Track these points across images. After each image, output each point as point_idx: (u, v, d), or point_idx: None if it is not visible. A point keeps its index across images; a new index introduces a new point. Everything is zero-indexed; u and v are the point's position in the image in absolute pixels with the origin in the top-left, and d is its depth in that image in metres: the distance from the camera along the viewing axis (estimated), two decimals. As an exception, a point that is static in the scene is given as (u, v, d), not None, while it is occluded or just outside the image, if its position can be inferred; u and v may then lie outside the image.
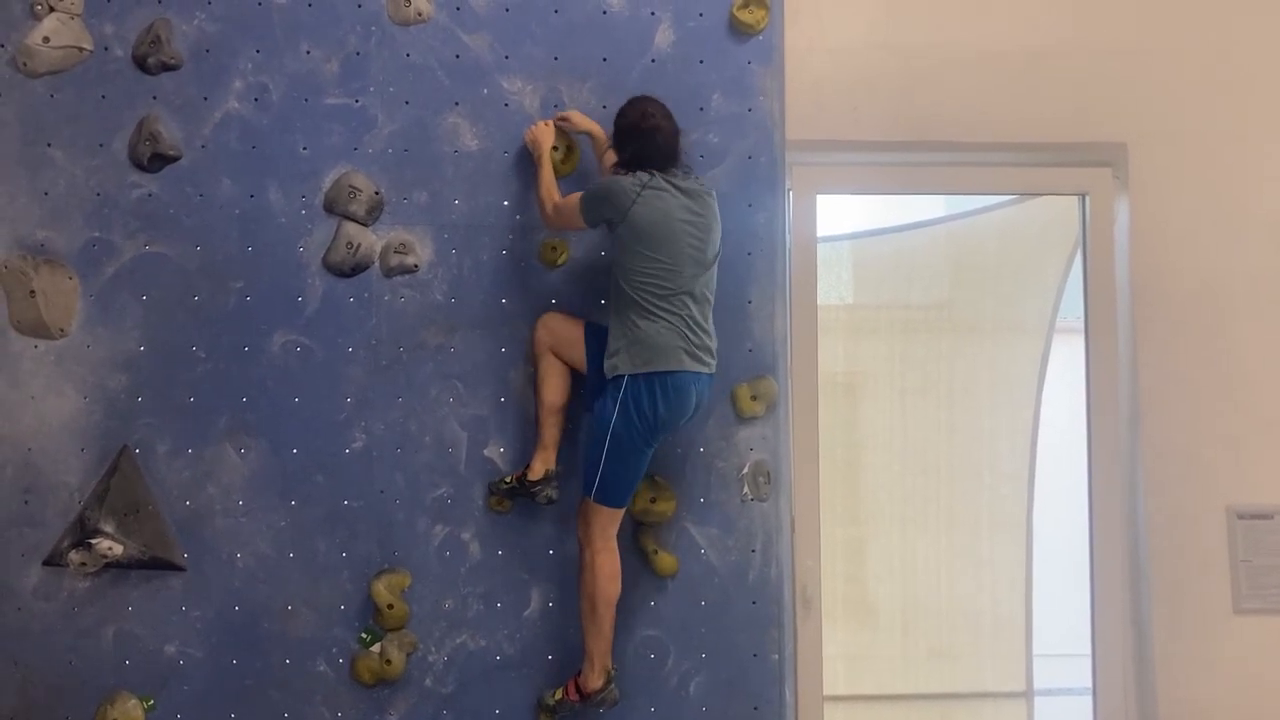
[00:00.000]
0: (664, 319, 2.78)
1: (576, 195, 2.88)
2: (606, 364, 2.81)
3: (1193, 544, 3.28)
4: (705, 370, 2.83)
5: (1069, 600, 3.47)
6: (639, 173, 2.81)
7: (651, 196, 2.78)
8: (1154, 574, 3.28)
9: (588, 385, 2.94)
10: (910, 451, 3.66)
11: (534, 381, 3.00)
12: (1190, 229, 3.34)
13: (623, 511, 2.88)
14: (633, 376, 2.77)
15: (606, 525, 2.86)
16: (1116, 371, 3.36)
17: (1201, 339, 3.34)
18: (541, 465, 2.94)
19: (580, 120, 3.04)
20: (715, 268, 2.88)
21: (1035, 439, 3.59)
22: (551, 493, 2.94)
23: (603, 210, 2.83)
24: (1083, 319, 3.44)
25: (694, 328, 2.81)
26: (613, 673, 2.90)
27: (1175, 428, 3.31)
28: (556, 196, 2.94)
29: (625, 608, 3.03)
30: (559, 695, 2.93)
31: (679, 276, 2.79)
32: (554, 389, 2.94)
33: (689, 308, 2.80)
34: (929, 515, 3.63)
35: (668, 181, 2.81)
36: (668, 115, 2.88)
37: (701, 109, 3.12)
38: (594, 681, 2.87)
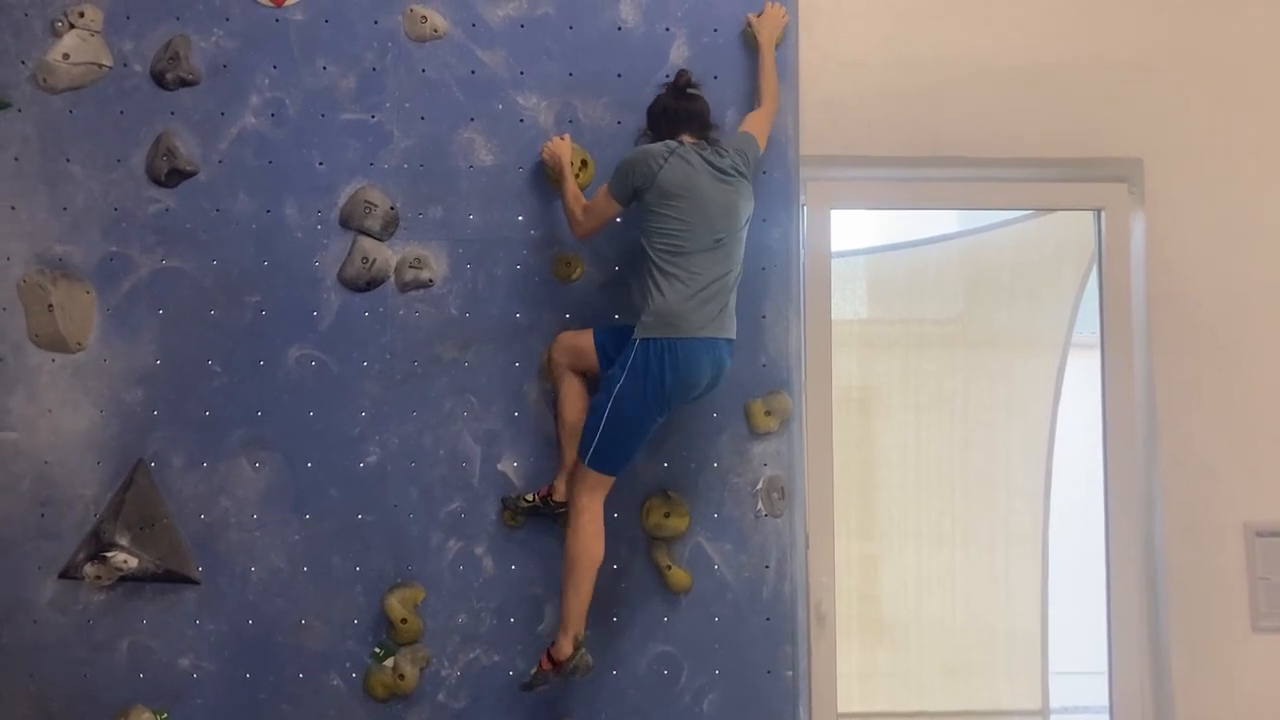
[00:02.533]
0: (679, 280, 2.76)
1: (604, 185, 2.90)
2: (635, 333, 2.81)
3: (1210, 561, 3.25)
4: (722, 335, 2.80)
5: (1085, 617, 3.45)
6: (667, 140, 2.84)
7: (679, 162, 2.79)
8: (1171, 591, 3.25)
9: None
10: (924, 467, 3.64)
11: (554, 403, 2.99)
12: (1206, 244, 3.33)
13: (612, 480, 2.83)
14: (644, 341, 2.77)
15: (595, 488, 2.83)
16: (1132, 387, 3.34)
17: (1218, 354, 3.32)
18: (564, 486, 2.94)
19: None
20: (743, 235, 2.86)
21: (1051, 454, 3.57)
22: None
23: (633, 178, 2.82)
24: (1098, 334, 3.42)
25: (712, 292, 2.78)
26: (581, 639, 2.84)
27: (1192, 444, 3.28)
28: (584, 200, 2.96)
29: (638, 623, 3.03)
30: (534, 670, 2.88)
31: (697, 236, 2.77)
32: (574, 409, 2.93)
33: (708, 270, 2.77)
34: (943, 531, 3.62)
35: (697, 153, 2.83)
36: (697, 86, 2.93)
37: (716, 125, 3.11)
38: (565, 649, 2.82)
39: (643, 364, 2.75)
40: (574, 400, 2.94)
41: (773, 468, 3.07)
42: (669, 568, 3.02)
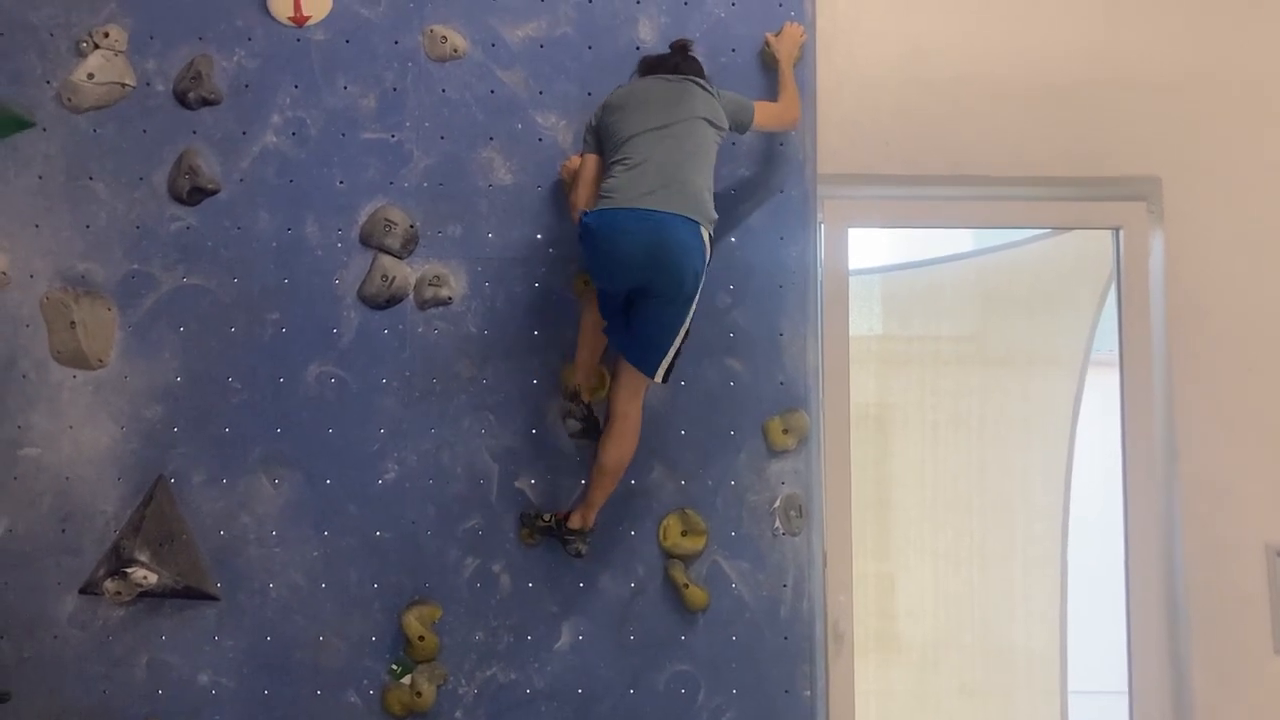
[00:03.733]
0: (620, 164, 2.75)
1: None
2: None
3: (1232, 582, 3.22)
4: (665, 209, 2.68)
5: (1105, 636, 3.42)
6: None
7: (624, 87, 2.89)
8: (1192, 611, 3.23)
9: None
10: (942, 485, 3.63)
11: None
12: (1226, 263, 3.32)
13: (644, 382, 2.84)
14: (582, 219, 2.77)
15: (625, 387, 2.86)
16: (1152, 406, 3.33)
17: (1238, 373, 3.30)
18: (580, 519, 2.94)
19: None
20: (701, 128, 2.78)
21: (1069, 473, 3.55)
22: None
23: (593, 121, 2.88)
24: (1117, 352, 3.41)
25: (654, 168, 2.71)
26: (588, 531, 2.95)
27: (1213, 463, 3.26)
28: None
29: (655, 642, 3.02)
30: (546, 515, 2.99)
31: (635, 122, 2.76)
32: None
33: (650, 151, 2.72)
34: (961, 550, 3.60)
35: (654, 78, 2.87)
36: (676, 56, 2.92)
37: (734, 143, 3.13)
38: (585, 521, 2.93)
39: (582, 239, 2.77)
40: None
41: (790, 486, 3.07)
42: (686, 586, 3.02)
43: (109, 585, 3.00)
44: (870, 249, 3.57)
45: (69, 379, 3.11)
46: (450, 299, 3.12)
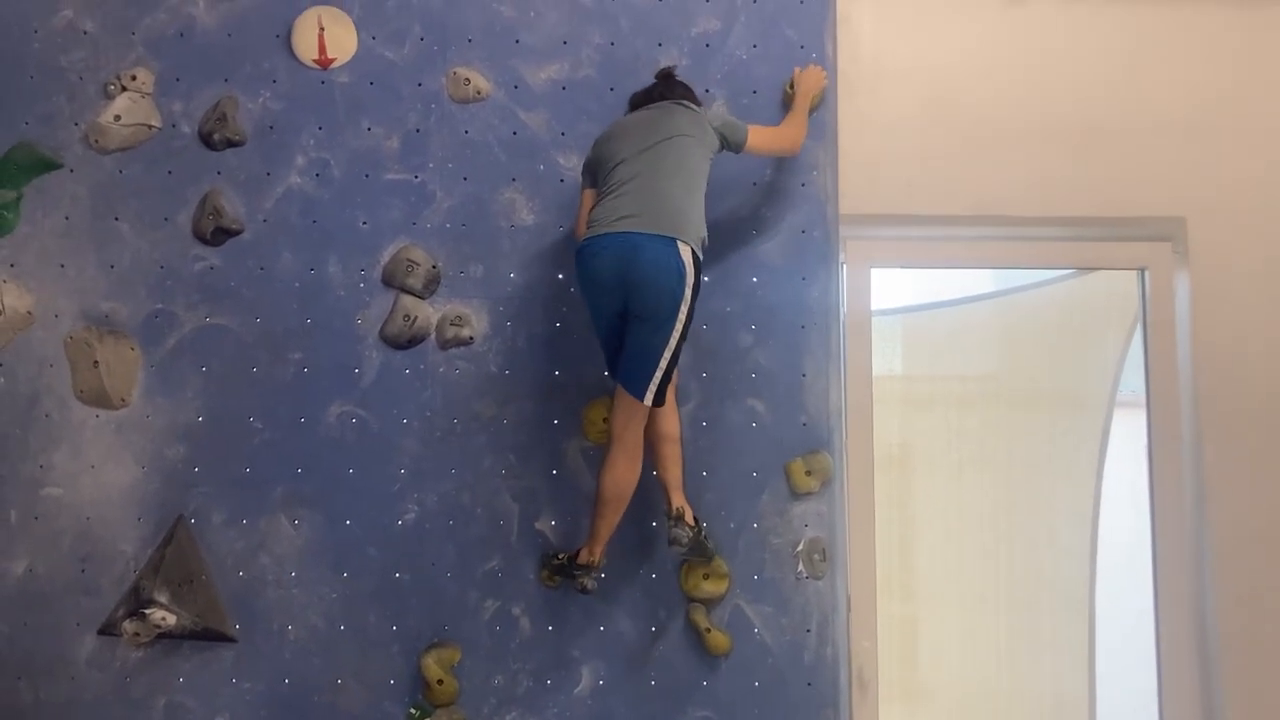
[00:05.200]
0: (601, 201, 2.78)
1: None
2: None
3: (1266, 630, 3.16)
4: (638, 230, 2.69)
5: (1135, 683, 3.36)
6: None
7: (601, 136, 2.90)
8: (1224, 660, 3.17)
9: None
10: (967, 527, 3.59)
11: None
12: (1252, 303, 3.28)
13: (643, 409, 2.78)
14: (577, 253, 2.80)
15: (623, 412, 2.80)
16: (1180, 448, 3.28)
17: (1268, 415, 3.26)
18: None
19: None
20: (681, 144, 2.78)
21: (1097, 515, 3.51)
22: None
23: (588, 157, 2.92)
24: (1143, 393, 3.37)
25: (628, 190, 2.73)
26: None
27: (1243, 507, 3.21)
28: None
29: (677, 687, 2.98)
30: (561, 556, 2.95)
31: (618, 152, 2.79)
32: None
33: (628, 175, 2.74)
34: (987, 593, 3.55)
35: (640, 110, 2.90)
36: (662, 84, 2.95)
37: (755, 183, 3.14)
38: (595, 556, 2.86)
39: (576, 269, 2.81)
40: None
41: (814, 529, 3.04)
42: (708, 630, 2.98)
43: (127, 626, 2.99)
44: (893, 289, 3.56)
45: (91, 418, 3.12)
46: (472, 339, 3.12)
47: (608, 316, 2.79)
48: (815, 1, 3.18)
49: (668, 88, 2.94)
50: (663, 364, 2.74)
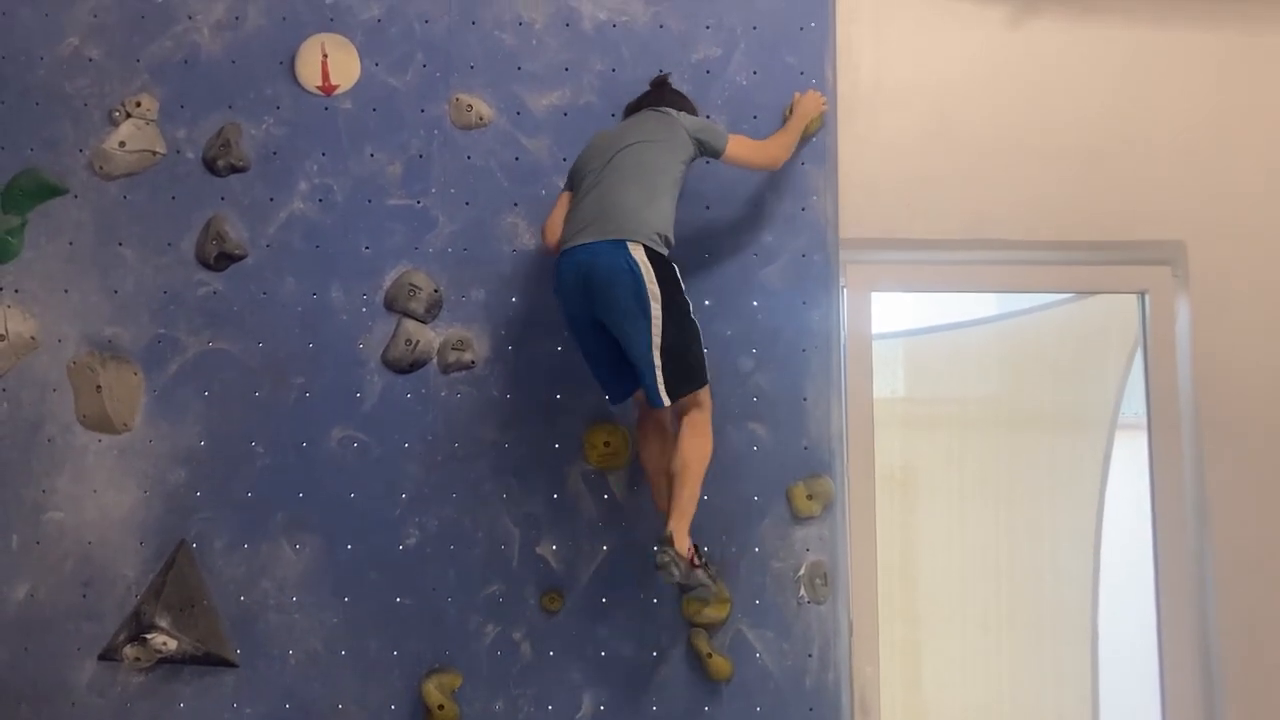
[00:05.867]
0: (569, 218, 2.82)
1: None
2: None
3: (1270, 653, 3.15)
4: (595, 239, 2.71)
5: (1138, 708, 3.34)
6: None
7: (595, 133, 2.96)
8: (1228, 685, 3.15)
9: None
10: (969, 550, 3.58)
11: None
12: (1253, 327, 3.28)
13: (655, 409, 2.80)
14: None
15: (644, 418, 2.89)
16: (1182, 473, 3.28)
17: (1270, 439, 3.25)
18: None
19: None
20: (639, 150, 2.79)
21: (1099, 538, 3.50)
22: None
23: (572, 166, 2.96)
24: (1145, 416, 3.37)
25: (585, 204, 2.78)
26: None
27: (1246, 532, 3.21)
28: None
29: (679, 712, 2.97)
30: (680, 559, 2.70)
31: (583, 168, 2.85)
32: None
33: (593, 191, 2.78)
34: (990, 617, 3.54)
35: (618, 123, 2.95)
36: (653, 93, 3.00)
37: (756, 208, 3.15)
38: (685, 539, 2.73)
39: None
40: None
41: (815, 553, 3.03)
42: (710, 655, 2.97)
43: (128, 651, 2.99)
44: (894, 312, 3.57)
45: (94, 443, 3.12)
46: (473, 363, 3.13)
47: (584, 330, 2.81)
48: (815, 28, 3.21)
49: (657, 96, 2.98)
50: (658, 361, 2.67)
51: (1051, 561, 3.56)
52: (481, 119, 3.20)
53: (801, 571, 3.02)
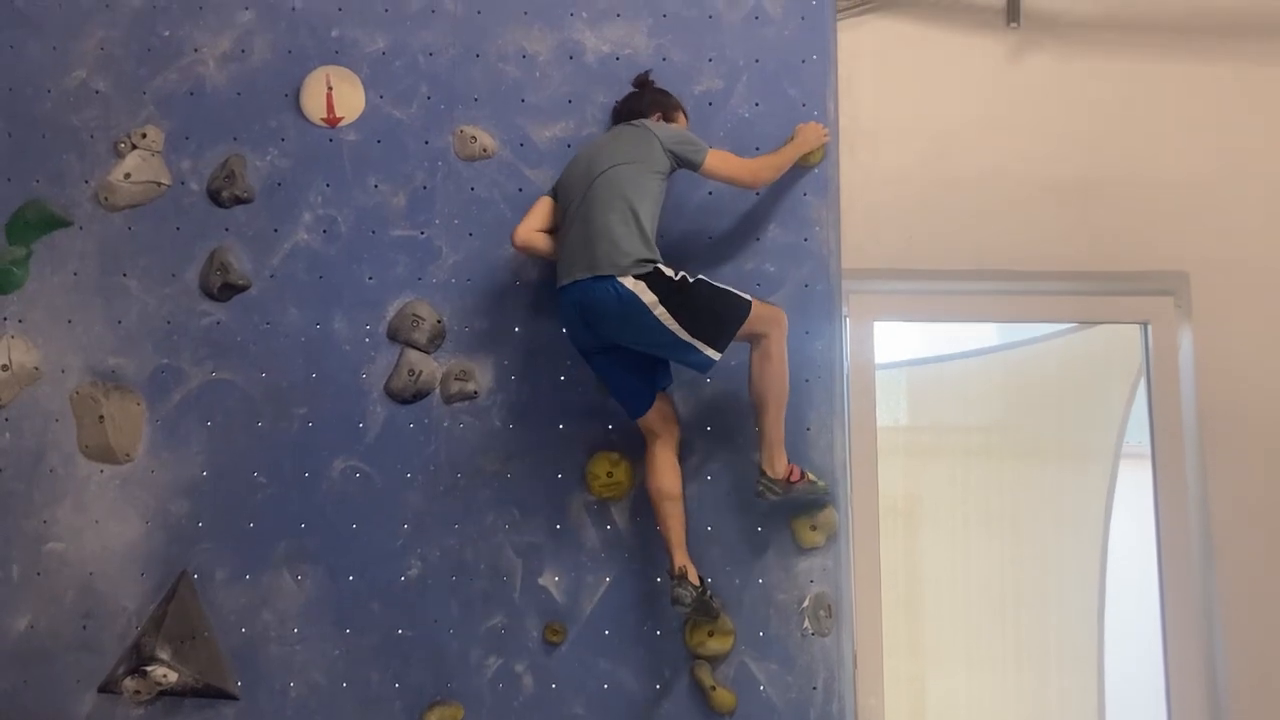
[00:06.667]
0: (558, 249, 2.89)
1: None
2: None
3: (1276, 686, 3.13)
4: (588, 275, 2.77)
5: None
6: None
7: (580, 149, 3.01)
8: (1236, 717, 3.13)
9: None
10: (973, 581, 3.56)
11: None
12: (1256, 358, 3.29)
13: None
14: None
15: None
16: (1186, 504, 3.27)
17: (1274, 467, 3.25)
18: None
19: None
20: (616, 174, 2.82)
21: (1104, 569, 3.48)
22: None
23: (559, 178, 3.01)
24: (1149, 445, 3.37)
25: (573, 238, 2.83)
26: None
27: (1252, 562, 3.20)
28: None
29: (682, 746, 2.95)
30: (778, 480, 2.88)
31: (567, 197, 2.89)
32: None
33: (574, 222, 2.84)
34: (995, 649, 3.52)
35: (599, 137, 2.98)
36: (640, 82, 3.05)
37: (758, 239, 3.16)
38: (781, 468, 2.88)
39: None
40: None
41: (819, 584, 3.02)
42: (713, 688, 2.95)
43: (129, 684, 2.97)
44: (898, 342, 3.57)
45: (96, 473, 3.12)
46: (476, 393, 3.13)
47: (595, 356, 2.90)
48: (817, 61, 3.23)
49: (638, 101, 3.01)
50: (688, 339, 2.76)
51: (1056, 592, 3.54)
52: (485, 150, 3.22)
53: (805, 603, 3.01)
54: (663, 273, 2.79)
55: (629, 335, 2.81)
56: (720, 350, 2.79)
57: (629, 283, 2.75)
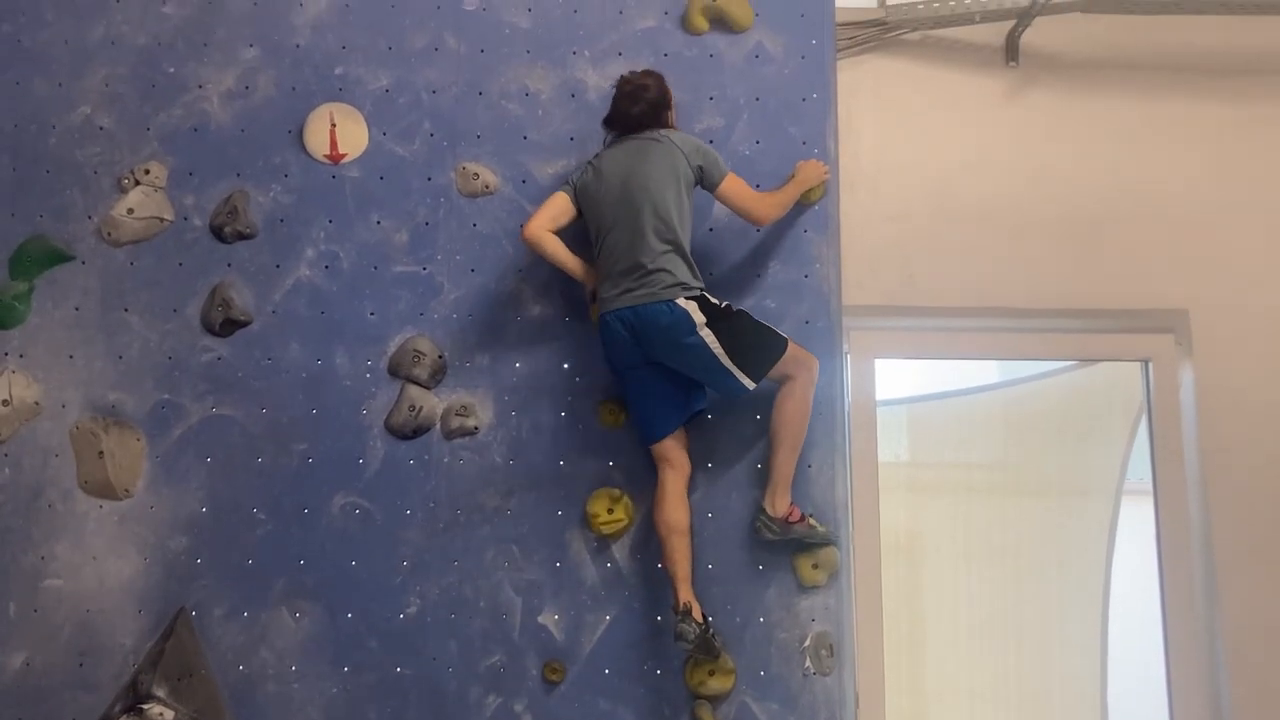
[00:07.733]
0: (600, 263, 2.93)
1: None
2: None
3: (1282, 727, 3.11)
4: (641, 304, 2.85)
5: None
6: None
7: (588, 172, 2.98)
8: (1241, 757, 3.11)
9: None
10: (975, 619, 3.54)
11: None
12: (1257, 395, 3.30)
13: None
14: (599, 327, 2.96)
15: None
16: (1188, 540, 3.26)
17: (1276, 503, 3.24)
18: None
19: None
20: (660, 193, 2.87)
21: (1106, 606, 3.47)
22: (688, 631, 2.84)
23: (575, 180, 3.01)
24: (1150, 481, 3.36)
25: (622, 266, 2.88)
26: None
27: (1256, 597, 3.19)
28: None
29: (683, 787, 2.92)
30: (779, 517, 2.93)
31: (604, 215, 2.92)
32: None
33: (617, 245, 2.89)
34: (998, 688, 3.49)
35: (618, 146, 2.97)
36: (638, 84, 2.99)
37: (759, 275, 3.16)
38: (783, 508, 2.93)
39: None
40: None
41: (821, 623, 3.00)
42: (714, 728, 2.93)
43: (124, 722, 2.94)
44: (899, 379, 3.57)
45: (95, 509, 3.11)
46: (476, 429, 3.12)
47: (634, 371, 2.94)
48: (817, 99, 3.24)
49: (636, 115, 2.97)
50: (728, 364, 2.84)
51: (1059, 629, 3.52)
52: (488, 187, 3.23)
53: (807, 642, 2.99)
54: (709, 299, 2.89)
55: (671, 351, 2.87)
56: (755, 380, 2.86)
57: (684, 304, 2.87)
